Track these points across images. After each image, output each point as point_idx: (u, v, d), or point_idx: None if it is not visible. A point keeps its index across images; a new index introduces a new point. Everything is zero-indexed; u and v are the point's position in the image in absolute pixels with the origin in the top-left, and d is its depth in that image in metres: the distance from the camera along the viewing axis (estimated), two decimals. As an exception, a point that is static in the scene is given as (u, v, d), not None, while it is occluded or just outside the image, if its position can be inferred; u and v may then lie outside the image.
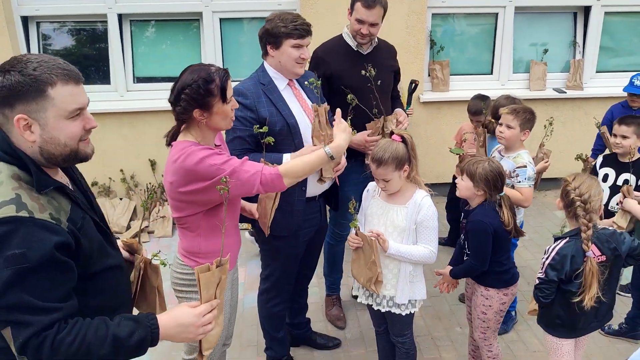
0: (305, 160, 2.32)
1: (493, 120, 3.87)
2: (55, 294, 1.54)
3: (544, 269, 2.63)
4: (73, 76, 1.60)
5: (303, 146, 2.83)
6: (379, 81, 3.23)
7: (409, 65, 5.38)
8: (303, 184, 2.86)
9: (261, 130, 2.29)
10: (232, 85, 2.25)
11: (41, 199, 1.56)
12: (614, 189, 3.43)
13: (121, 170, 5.46)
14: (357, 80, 3.24)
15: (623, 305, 3.82)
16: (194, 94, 2.13)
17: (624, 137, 3.44)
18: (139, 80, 5.56)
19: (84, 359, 1.57)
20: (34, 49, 5.36)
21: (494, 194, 2.83)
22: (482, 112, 4.12)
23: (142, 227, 2.34)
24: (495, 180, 2.79)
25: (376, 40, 3.46)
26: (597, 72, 5.93)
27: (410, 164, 2.70)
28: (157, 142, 4.60)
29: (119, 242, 2.02)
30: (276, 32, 2.73)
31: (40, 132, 1.56)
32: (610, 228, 2.72)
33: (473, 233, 2.83)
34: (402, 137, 2.70)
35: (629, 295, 3.78)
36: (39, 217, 1.52)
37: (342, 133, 2.42)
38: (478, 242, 2.81)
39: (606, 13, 5.74)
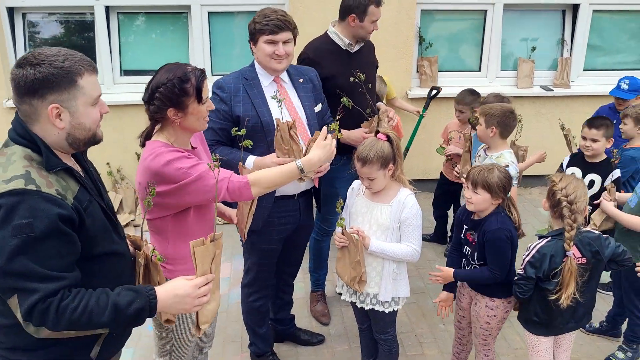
0: (276, 172, 2.28)
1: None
2: (60, 264, 1.63)
3: (523, 266, 2.66)
4: (94, 67, 1.74)
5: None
6: (370, 84, 3.30)
7: (397, 61, 5.39)
8: None
9: (239, 133, 2.27)
10: (208, 85, 2.22)
11: (50, 177, 1.66)
12: None
13: (108, 164, 5.42)
14: (349, 80, 3.27)
15: (605, 303, 3.86)
16: (169, 93, 2.10)
17: (594, 140, 3.47)
18: (126, 73, 5.52)
19: (85, 325, 1.66)
20: (20, 40, 5.30)
21: (505, 198, 2.80)
22: (466, 101, 4.22)
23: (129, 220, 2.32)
24: (507, 185, 2.75)
25: None
26: (584, 70, 5.97)
27: (395, 162, 2.71)
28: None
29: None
30: (252, 28, 2.78)
31: (70, 119, 1.69)
32: (595, 232, 2.74)
33: (493, 242, 2.72)
34: (388, 136, 2.70)
35: (610, 293, 3.82)
36: (45, 191, 1.61)
37: (319, 149, 2.35)
38: (500, 252, 2.73)
39: (594, 11, 5.77)
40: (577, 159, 3.68)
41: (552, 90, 5.79)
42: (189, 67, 2.15)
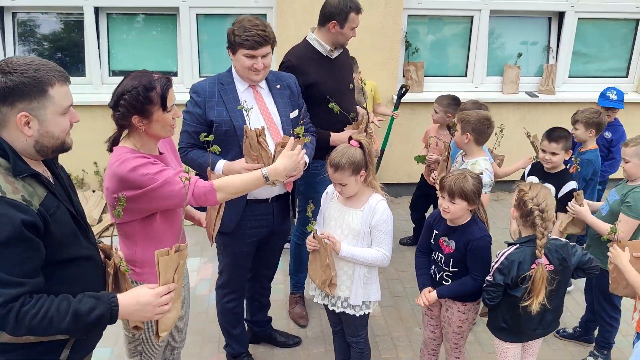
0: (242, 179, 2.33)
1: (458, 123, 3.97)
2: (22, 269, 1.65)
3: (492, 273, 2.69)
4: (66, 77, 1.77)
5: None
6: (351, 85, 3.38)
7: (383, 66, 5.44)
8: None
9: (207, 138, 2.32)
10: (173, 94, 2.24)
11: (16, 183, 1.69)
12: None
13: (95, 163, 5.48)
14: (333, 86, 3.38)
15: (580, 308, 3.91)
16: (133, 101, 2.13)
17: (553, 153, 3.48)
18: (115, 73, 5.57)
19: (45, 331, 1.69)
20: (9, 39, 5.35)
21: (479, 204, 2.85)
22: (442, 103, 4.32)
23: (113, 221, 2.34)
24: (480, 190, 2.80)
25: None
26: (569, 77, 6.03)
27: (367, 169, 2.75)
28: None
29: None
30: (231, 40, 2.81)
31: (38, 127, 1.72)
32: (562, 240, 2.77)
33: (480, 251, 2.75)
34: (360, 143, 2.75)
35: None
36: (10, 196, 1.64)
37: (285, 159, 2.40)
38: (485, 258, 2.77)
39: (580, 19, 5.83)
40: (537, 169, 3.70)
41: (537, 97, 5.85)
42: (155, 75, 2.18)
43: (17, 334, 1.67)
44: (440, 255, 2.89)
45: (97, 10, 5.34)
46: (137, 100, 2.14)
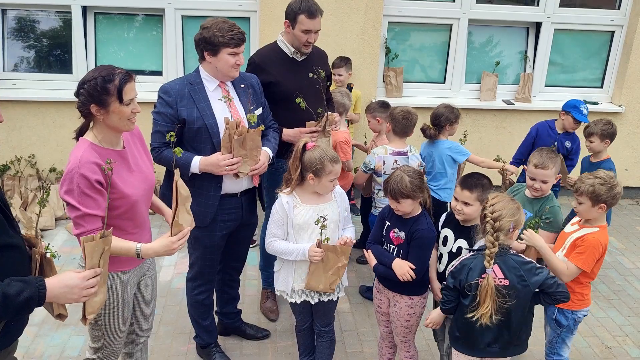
0: (117, 245, 2.32)
1: (431, 126, 4.13)
2: None
3: (446, 275, 2.76)
4: None
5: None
6: (317, 85, 3.48)
7: (362, 71, 5.58)
8: (218, 180, 3.06)
9: (172, 139, 2.45)
10: (133, 89, 2.35)
11: None
12: (452, 256, 2.97)
13: (79, 159, 5.59)
14: (294, 86, 3.49)
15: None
16: (91, 90, 2.25)
17: (466, 203, 2.90)
18: (101, 71, 5.68)
19: None
20: (-2, 35, 5.47)
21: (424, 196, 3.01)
22: (371, 109, 4.50)
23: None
24: (421, 183, 2.93)
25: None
26: (545, 86, 6.18)
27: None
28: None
29: None
30: (214, 41, 2.91)
31: None
32: (528, 259, 2.67)
33: (421, 240, 2.91)
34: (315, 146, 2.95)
35: None
36: None
37: (164, 241, 2.40)
38: (424, 249, 2.93)
39: (556, 30, 5.99)
40: (451, 221, 3.08)
41: (514, 104, 6.00)
42: (117, 70, 2.30)
43: None
44: (391, 246, 3.02)
45: (84, 9, 5.47)
46: (95, 90, 2.25)
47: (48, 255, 2.08)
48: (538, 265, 2.65)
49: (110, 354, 2.67)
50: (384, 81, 5.87)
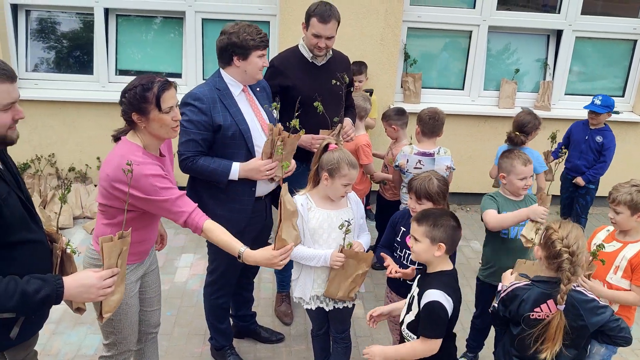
0: (225, 240, 2.49)
1: (518, 133, 4.11)
2: None
3: (497, 300, 2.55)
4: (9, 75, 1.87)
5: (254, 151, 3.02)
6: (340, 91, 3.48)
7: (381, 76, 5.57)
8: (252, 185, 3.06)
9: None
10: (172, 97, 2.40)
11: None
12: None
13: (98, 158, 5.65)
14: (311, 91, 3.46)
15: None
16: (132, 98, 2.34)
17: (416, 239, 2.54)
18: (121, 72, 5.75)
19: None
20: (22, 36, 5.54)
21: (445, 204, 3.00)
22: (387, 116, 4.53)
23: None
24: (446, 191, 2.96)
25: (331, 52, 3.65)
26: (565, 94, 6.12)
27: None
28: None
29: None
30: (245, 45, 2.91)
31: None
32: (589, 295, 2.41)
33: None
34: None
35: None
36: None
37: (267, 254, 2.46)
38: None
39: (577, 38, 5.93)
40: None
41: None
42: (157, 78, 2.37)
43: None
44: (407, 252, 2.96)
45: (107, 11, 5.53)
46: (135, 99, 2.34)
47: (68, 251, 2.12)
48: (601, 303, 2.42)
49: (125, 351, 2.72)
50: (402, 87, 5.86)
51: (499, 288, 2.57)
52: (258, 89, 3.19)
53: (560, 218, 2.50)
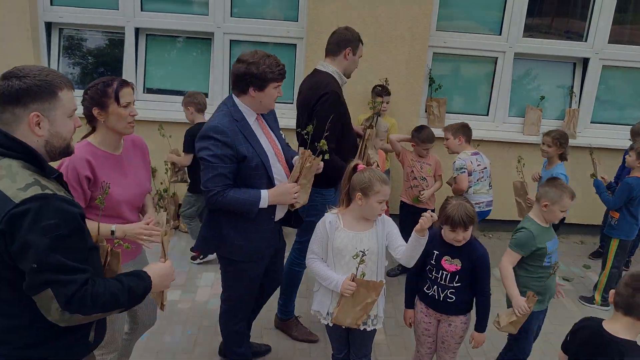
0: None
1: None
2: (82, 256, 1.87)
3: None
4: (72, 84, 1.98)
5: (274, 180, 3.02)
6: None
7: (406, 100, 5.59)
8: (272, 210, 3.05)
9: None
10: (129, 94, 2.62)
11: (52, 182, 1.88)
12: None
13: (123, 175, 5.72)
14: (349, 115, 3.61)
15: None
16: (94, 94, 2.60)
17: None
18: (149, 90, 5.85)
19: (111, 307, 1.93)
20: (54, 53, 5.68)
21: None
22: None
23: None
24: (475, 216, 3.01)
25: None
26: (591, 122, 6.08)
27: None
28: (158, 150, 4.86)
29: None
30: (263, 77, 2.85)
31: (49, 127, 1.88)
32: None
33: (486, 264, 3.06)
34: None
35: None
36: (60, 194, 1.83)
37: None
38: (489, 270, 3.07)
39: (604, 66, 5.90)
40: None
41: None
42: (115, 78, 2.63)
43: (91, 312, 1.86)
44: (443, 272, 3.03)
45: (137, 30, 5.65)
46: (96, 94, 2.59)
47: (120, 248, 2.17)
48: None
49: (114, 350, 2.89)
50: (426, 111, 5.87)
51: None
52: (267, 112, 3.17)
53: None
